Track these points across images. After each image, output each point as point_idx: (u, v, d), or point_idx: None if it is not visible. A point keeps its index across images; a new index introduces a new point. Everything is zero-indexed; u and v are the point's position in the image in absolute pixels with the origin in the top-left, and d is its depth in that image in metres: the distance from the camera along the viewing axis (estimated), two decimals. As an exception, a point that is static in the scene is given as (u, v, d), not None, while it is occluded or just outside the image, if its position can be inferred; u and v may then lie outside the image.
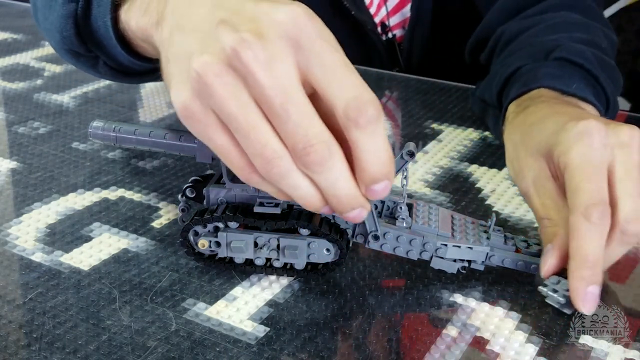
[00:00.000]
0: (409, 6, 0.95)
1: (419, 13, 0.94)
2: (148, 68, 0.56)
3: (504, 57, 0.71)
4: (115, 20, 0.52)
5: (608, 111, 0.64)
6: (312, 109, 0.36)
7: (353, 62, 0.38)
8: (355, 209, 0.39)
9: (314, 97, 0.37)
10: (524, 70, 0.65)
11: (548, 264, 0.46)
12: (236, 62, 0.35)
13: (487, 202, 0.61)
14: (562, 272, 0.46)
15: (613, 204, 0.44)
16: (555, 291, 0.46)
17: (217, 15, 0.37)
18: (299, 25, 0.36)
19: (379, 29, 0.97)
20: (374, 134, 0.37)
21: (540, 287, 0.47)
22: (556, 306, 0.46)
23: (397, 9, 0.96)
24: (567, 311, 0.46)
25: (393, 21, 0.97)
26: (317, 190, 0.39)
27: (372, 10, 0.96)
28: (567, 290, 0.45)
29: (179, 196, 0.52)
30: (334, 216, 0.48)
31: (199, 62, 0.36)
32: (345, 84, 0.36)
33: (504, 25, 0.75)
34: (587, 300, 0.44)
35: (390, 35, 0.97)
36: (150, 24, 0.45)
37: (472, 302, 0.47)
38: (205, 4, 0.39)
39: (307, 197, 0.39)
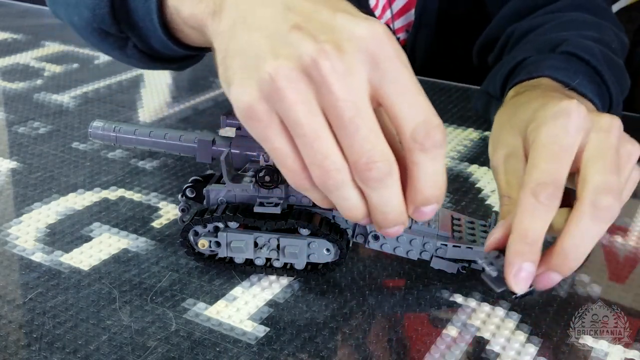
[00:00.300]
0: (413, 10, 0.95)
1: (422, 17, 0.94)
2: (181, 55, 0.55)
3: (511, 52, 0.71)
4: (159, 3, 0.50)
5: (610, 111, 0.63)
6: (378, 126, 0.37)
7: None
8: (396, 226, 0.39)
9: (376, 112, 0.38)
10: (528, 61, 0.64)
11: (492, 237, 0.44)
12: (313, 71, 0.36)
13: (487, 202, 0.61)
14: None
15: (582, 181, 0.42)
16: (491, 264, 0.45)
17: (290, 19, 0.37)
18: (378, 42, 0.36)
19: None
20: (436, 158, 0.37)
21: (478, 260, 0.46)
22: (487, 282, 0.44)
23: (402, 12, 0.96)
24: (496, 289, 0.43)
25: (397, 24, 0.97)
26: (364, 203, 0.39)
27: (377, 13, 0.96)
28: (503, 266, 0.43)
29: (179, 196, 0.52)
30: (334, 216, 0.48)
31: (273, 66, 0.36)
32: (416, 106, 0.37)
33: (515, 24, 0.75)
34: (519, 277, 0.41)
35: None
36: (205, 13, 0.44)
37: (472, 302, 0.47)
38: (274, 4, 0.39)
39: (353, 209, 0.39)
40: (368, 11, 0.94)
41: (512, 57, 0.67)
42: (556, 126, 0.44)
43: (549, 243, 0.42)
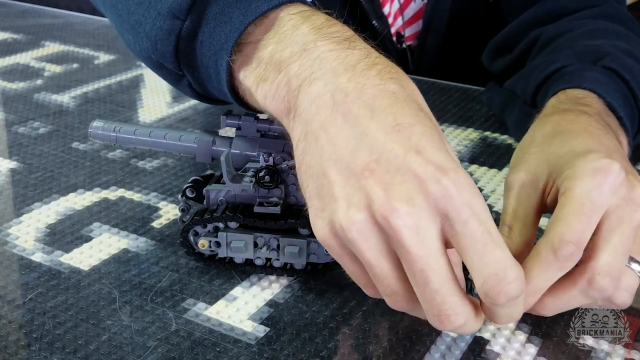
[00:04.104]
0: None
1: (431, 23, 0.94)
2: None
3: (544, 55, 0.69)
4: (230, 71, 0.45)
5: (637, 135, 0.62)
6: (452, 278, 0.37)
7: None
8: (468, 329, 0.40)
9: None
10: (568, 69, 0.62)
11: None
12: (386, 227, 0.36)
13: (487, 202, 0.61)
14: None
15: (592, 251, 0.42)
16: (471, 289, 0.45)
17: (361, 156, 0.37)
18: (449, 196, 0.36)
19: (395, 38, 0.97)
20: (512, 305, 0.38)
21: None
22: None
23: (414, 19, 0.96)
24: None
25: (409, 31, 0.96)
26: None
27: (390, 20, 0.96)
28: None
29: (179, 196, 0.52)
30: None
31: (345, 217, 0.36)
32: (487, 259, 0.36)
33: (540, 28, 0.74)
34: (505, 320, 0.42)
35: (404, 45, 0.97)
36: (280, 110, 0.42)
37: (472, 302, 0.47)
38: (343, 124, 0.38)
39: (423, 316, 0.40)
40: (382, 19, 0.94)
41: (548, 62, 0.66)
42: (593, 183, 0.42)
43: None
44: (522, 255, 0.43)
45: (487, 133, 0.76)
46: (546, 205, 0.45)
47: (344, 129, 0.38)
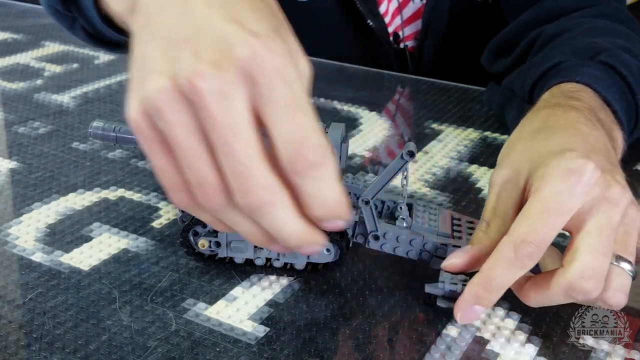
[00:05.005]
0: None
1: (430, 24, 0.94)
2: (126, 40, 0.54)
3: (543, 53, 0.70)
4: None
5: (635, 130, 0.62)
6: (259, 150, 0.35)
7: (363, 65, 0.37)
8: (309, 246, 0.38)
9: None
10: (565, 65, 0.62)
11: (454, 261, 0.45)
12: (190, 92, 0.34)
13: (487, 202, 0.61)
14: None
15: (573, 254, 0.42)
16: (443, 282, 0.46)
17: (182, 30, 0.36)
18: (256, 60, 0.34)
19: (391, 38, 0.96)
20: (317, 179, 0.35)
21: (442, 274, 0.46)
22: (434, 294, 0.46)
23: (413, 19, 0.96)
24: (442, 304, 0.46)
25: (407, 31, 0.96)
26: (260, 228, 0.37)
27: (387, 20, 0.95)
28: (455, 284, 0.45)
29: (179, 196, 0.52)
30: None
31: (154, 85, 0.35)
32: (290, 125, 0.35)
33: (539, 28, 0.74)
34: (467, 315, 0.43)
35: (402, 45, 0.97)
36: (126, 10, 0.44)
37: (472, 302, 0.47)
38: (176, 7, 0.37)
39: (250, 234, 0.38)
40: (377, 18, 0.94)
41: (545, 59, 0.66)
42: (563, 183, 0.42)
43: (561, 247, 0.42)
44: None
45: (487, 133, 0.76)
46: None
47: (175, 12, 0.37)
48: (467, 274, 0.45)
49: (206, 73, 0.34)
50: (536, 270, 0.45)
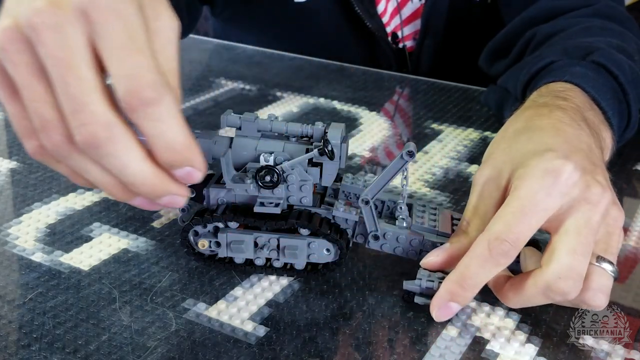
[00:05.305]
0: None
1: (429, 24, 0.94)
2: None
3: (536, 53, 0.70)
4: None
5: (626, 130, 0.62)
6: (96, 87, 0.35)
7: (362, 66, 0.37)
8: (165, 196, 0.37)
9: None
10: (556, 64, 0.62)
11: (432, 259, 0.46)
12: (28, 29, 0.35)
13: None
14: None
15: (552, 254, 0.42)
16: (420, 279, 0.46)
17: None
18: None
19: (390, 38, 0.96)
20: (155, 119, 0.35)
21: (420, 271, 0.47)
22: (412, 291, 0.46)
23: (411, 18, 0.96)
24: (419, 301, 0.46)
25: (406, 31, 0.96)
26: (113, 176, 0.37)
27: (385, 19, 0.95)
28: (432, 282, 0.45)
29: (179, 196, 0.52)
30: (334, 216, 0.48)
31: (0, 27, 0.36)
32: (125, 62, 0.35)
33: (535, 28, 0.74)
34: (442, 312, 0.44)
35: (401, 45, 0.97)
36: None
37: (472, 302, 0.47)
38: None
39: (104, 184, 0.37)
40: (375, 18, 0.94)
41: (538, 58, 0.66)
42: (540, 185, 0.42)
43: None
44: None
45: (487, 133, 0.76)
46: None
47: None
48: (445, 271, 0.46)
49: (42, 9, 0.34)
50: (518, 272, 0.45)
